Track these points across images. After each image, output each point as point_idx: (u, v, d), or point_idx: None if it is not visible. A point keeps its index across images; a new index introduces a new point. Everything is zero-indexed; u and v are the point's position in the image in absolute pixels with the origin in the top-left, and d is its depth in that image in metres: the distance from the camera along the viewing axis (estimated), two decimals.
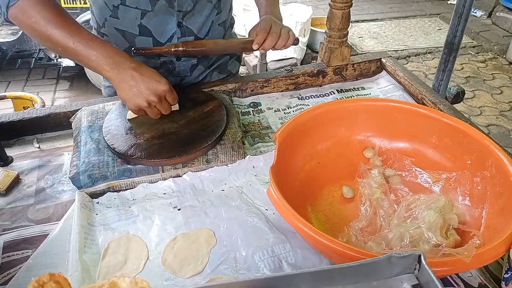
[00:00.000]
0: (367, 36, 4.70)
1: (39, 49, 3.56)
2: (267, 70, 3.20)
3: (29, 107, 2.20)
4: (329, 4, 1.22)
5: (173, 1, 1.07)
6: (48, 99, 3.49)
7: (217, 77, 1.30)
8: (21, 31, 3.32)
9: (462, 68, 4.05)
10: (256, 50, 1.15)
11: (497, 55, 4.30)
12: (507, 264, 0.68)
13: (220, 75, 1.31)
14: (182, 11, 1.10)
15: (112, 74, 0.93)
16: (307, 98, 1.25)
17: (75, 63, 3.88)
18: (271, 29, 1.13)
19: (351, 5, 1.20)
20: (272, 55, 3.55)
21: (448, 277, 0.75)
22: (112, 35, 1.15)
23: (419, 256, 0.43)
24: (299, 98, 1.25)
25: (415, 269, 0.44)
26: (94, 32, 1.21)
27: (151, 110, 0.97)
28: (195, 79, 1.25)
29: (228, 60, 1.32)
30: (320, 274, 0.42)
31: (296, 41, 1.17)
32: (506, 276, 0.69)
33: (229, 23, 1.28)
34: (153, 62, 1.18)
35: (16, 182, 0.95)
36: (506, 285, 0.69)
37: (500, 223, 0.74)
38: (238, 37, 1.34)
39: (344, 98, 1.24)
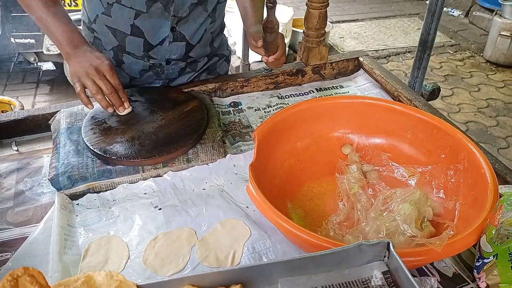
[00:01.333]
0: (348, 36, 4.75)
1: (18, 53, 3.51)
2: (249, 70, 3.21)
3: (7, 111, 2.17)
4: (306, 4, 1.24)
5: (169, 5, 1.07)
6: (28, 103, 3.43)
7: (205, 78, 1.30)
8: None
9: (441, 67, 4.13)
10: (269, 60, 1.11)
11: (475, 53, 4.40)
12: (478, 253, 0.71)
13: (209, 77, 1.31)
14: (177, 17, 1.10)
15: (70, 52, 1.01)
16: (287, 97, 1.27)
17: (56, 67, 3.86)
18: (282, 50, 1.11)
19: (327, 5, 1.22)
20: (254, 56, 3.56)
21: (423, 267, 0.77)
22: (102, 32, 1.14)
23: (388, 244, 0.45)
24: (279, 97, 1.26)
25: (384, 256, 0.46)
26: (84, 27, 1.20)
27: (87, 81, 0.97)
28: (183, 82, 1.26)
29: (217, 61, 1.33)
30: (293, 263, 0.43)
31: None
32: (477, 264, 0.71)
33: (220, 28, 1.28)
34: (142, 64, 1.18)
35: None
36: (478, 273, 0.72)
37: (472, 214, 0.77)
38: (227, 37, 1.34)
39: (323, 96, 1.26)
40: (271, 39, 1.03)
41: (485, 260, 0.69)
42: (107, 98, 0.99)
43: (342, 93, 1.28)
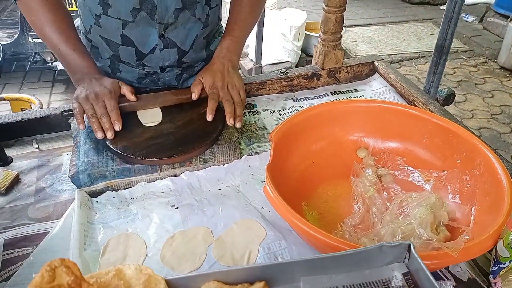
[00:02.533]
0: (361, 40, 4.75)
1: (35, 52, 3.57)
2: (262, 73, 3.23)
3: (26, 109, 2.21)
4: (323, 9, 1.25)
5: (153, 13, 1.05)
6: (44, 102, 3.48)
7: None
8: (17, 35, 3.33)
9: (454, 72, 4.11)
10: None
11: (489, 59, 4.37)
12: (494, 258, 0.71)
13: None
14: (163, 23, 1.08)
15: (78, 79, 1.05)
16: (302, 100, 1.28)
17: None
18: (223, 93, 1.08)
19: (344, 10, 1.23)
20: (267, 59, 3.58)
21: (438, 271, 0.77)
22: (97, 42, 1.15)
23: (409, 246, 0.45)
24: (294, 100, 1.27)
25: (405, 258, 0.46)
26: (82, 36, 1.21)
27: (86, 106, 0.99)
28: (182, 86, 1.25)
29: None
30: (314, 262, 0.44)
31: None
32: (493, 269, 0.72)
33: (217, 32, 1.27)
34: (138, 72, 1.18)
35: (15, 181, 0.97)
36: (494, 278, 0.72)
37: (488, 219, 0.77)
38: None
39: (338, 99, 1.27)
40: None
41: (502, 265, 0.69)
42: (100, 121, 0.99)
43: (357, 96, 1.29)
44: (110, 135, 0.98)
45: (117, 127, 0.99)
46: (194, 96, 1.08)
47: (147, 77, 1.20)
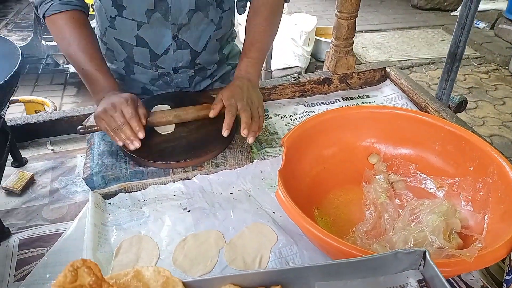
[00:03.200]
0: (371, 46, 4.74)
1: (47, 55, 3.62)
2: (271, 78, 3.24)
3: (40, 111, 2.24)
4: (336, 14, 1.25)
5: (168, 14, 1.08)
6: (56, 104, 3.53)
7: (219, 87, 1.29)
8: (31, 37, 3.37)
9: (465, 79, 4.08)
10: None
11: (500, 66, 4.33)
12: (508, 266, 0.70)
13: (222, 85, 1.31)
14: (177, 24, 1.11)
15: (99, 99, 1.03)
16: (313, 105, 1.28)
17: None
18: (243, 108, 1.01)
19: (356, 16, 1.24)
20: (276, 64, 3.59)
21: (451, 279, 0.77)
22: (112, 45, 1.18)
23: (424, 253, 0.45)
24: (305, 105, 1.28)
25: (420, 265, 0.46)
26: (98, 39, 1.22)
27: (106, 119, 0.95)
28: (195, 90, 1.27)
29: (230, 71, 1.33)
30: (329, 267, 0.44)
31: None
32: (507, 278, 0.71)
33: (230, 37, 1.29)
34: (151, 74, 1.20)
35: (30, 182, 0.98)
36: (507, 287, 0.71)
37: (502, 227, 0.77)
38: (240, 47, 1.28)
39: (349, 105, 1.27)
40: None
41: None
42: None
43: (369, 102, 1.29)
44: (133, 146, 0.94)
45: (141, 135, 0.94)
46: (212, 114, 1.03)
47: (160, 78, 1.21)
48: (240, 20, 3.33)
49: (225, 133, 0.98)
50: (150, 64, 1.18)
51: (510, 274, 0.70)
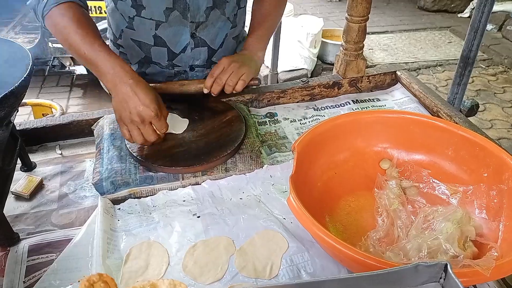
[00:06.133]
0: (378, 48, 4.72)
1: (54, 57, 3.63)
2: (277, 81, 3.22)
3: (48, 114, 2.24)
4: (346, 18, 1.24)
5: (186, 12, 1.10)
6: (62, 106, 3.54)
7: None
8: (38, 40, 3.39)
9: (473, 81, 4.05)
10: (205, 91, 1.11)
11: (508, 68, 4.30)
12: None
13: None
14: (195, 22, 1.13)
15: (111, 85, 0.96)
16: (323, 108, 1.27)
17: (88, 72, 3.97)
18: (220, 73, 1.09)
19: (367, 19, 1.22)
20: (283, 66, 3.58)
21: None
22: (128, 46, 1.18)
23: (446, 265, 0.44)
24: (314, 109, 1.27)
25: (440, 277, 0.45)
26: (109, 43, 1.24)
27: (133, 129, 0.94)
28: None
29: None
30: (348, 281, 0.43)
31: (256, 81, 1.15)
32: None
33: (242, 36, 1.30)
34: (167, 72, 1.21)
35: (39, 187, 0.98)
36: None
37: None
38: None
39: (359, 108, 1.26)
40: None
41: None
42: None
43: (379, 106, 1.28)
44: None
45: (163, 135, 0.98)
46: (206, 90, 1.10)
47: (176, 76, 1.22)
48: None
49: (205, 90, 1.09)
50: (167, 63, 1.19)
51: None
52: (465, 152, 0.92)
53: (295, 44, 3.73)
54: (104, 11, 3.38)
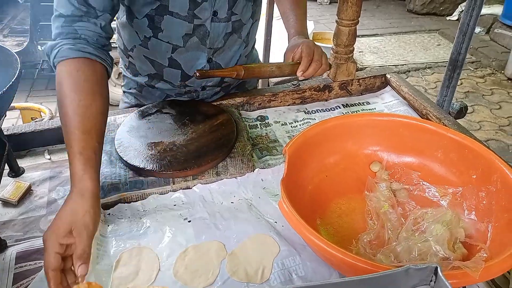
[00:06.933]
0: (367, 50, 4.75)
1: (43, 60, 3.60)
2: (268, 84, 3.23)
3: (37, 118, 2.22)
4: (336, 21, 1.25)
5: (205, 38, 1.08)
6: (52, 110, 3.51)
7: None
8: (27, 43, 3.35)
9: (462, 84, 4.10)
10: (300, 76, 1.10)
11: (496, 70, 4.35)
12: None
13: (236, 91, 1.31)
14: (213, 48, 1.11)
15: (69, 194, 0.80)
16: (314, 112, 1.27)
17: None
18: (314, 56, 1.09)
19: (357, 23, 1.23)
20: None
21: None
22: (140, 60, 1.15)
23: (436, 268, 0.44)
24: (305, 112, 1.27)
25: (431, 280, 0.45)
26: (120, 52, 1.19)
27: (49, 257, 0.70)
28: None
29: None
30: (340, 285, 0.43)
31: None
32: None
33: (251, 52, 1.29)
34: (178, 90, 1.19)
35: (27, 193, 0.97)
36: None
37: (506, 236, 0.76)
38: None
39: (349, 112, 1.26)
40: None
41: None
42: None
43: (369, 109, 1.28)
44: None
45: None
46: (300, 74, 1.10)
47: (186, 94, 1.21)
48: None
49: (299, 73, 1.08)
50: (179, 83, 1.16)
51: None
52: (454, 154, 0.93)
53: (286, 46, 3.74)
54: None
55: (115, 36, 1.14)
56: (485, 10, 5.08)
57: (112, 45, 0.97)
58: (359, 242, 0.83)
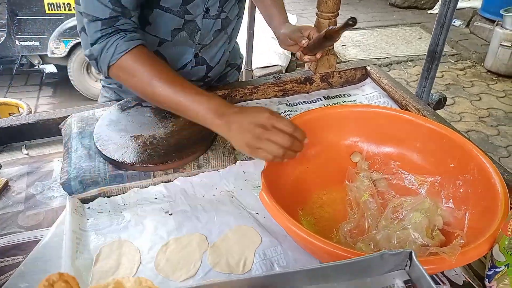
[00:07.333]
0: (350, 44, 4.78)
1: (22, 55, 3.52)
2: (252, 77, 3.22)
3: (15, 113, 2.18)
4: (316, 14, 1.25)
5: (194, 34, 1.08)
6: (31, 105, 3.43)
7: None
8: (4, 37, 3.27)
9: (442, 76, 4.16)
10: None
11: (476, 63, 4.43)
12: (490, 262, 0.71)
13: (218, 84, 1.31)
14: (201, 44, 1.11)
15: (221, 127, 0.85)
16: (295, 104, 1.28)
17: (58, 70, 3.86)
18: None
19: (337, 15, 1.23)
20: (257, 62, 3.58)
21: (434, 275, 0.77)
22: None
23: (410, 253, 0.45)
24: (287, 105, 1.27)
25: (406, 265, 0.46)
26: None
27: (266, 145, 0.81)
28: None
29: (228, 71, 1.34)
30: (315, 271, 0.44)
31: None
32: (489, 273, 0.72)
33: (233, 48, 1.30)
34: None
35: (4, 188, 0.95)
36: (489, 282, 0.72)
37: (483, 223, 0.77)
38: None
39: (331, 104, 1.27)
40: (327, 46, 1.10)
41: (497, 269, 0.70)
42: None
43: (350, 101, 1.29)
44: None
45: (307, 140, 0.85)
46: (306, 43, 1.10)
47: None
48: None
49: (304, 40, 1.09)
50: None
51: (491, 269, 0.71)
52: (432, 144, 0.95)
53: (269, 40, 3.74)
54: (73, 7, 3.31)
55: None
56: (465, 3, 5.16)
57: None
58: (340, 231, 0.84)
